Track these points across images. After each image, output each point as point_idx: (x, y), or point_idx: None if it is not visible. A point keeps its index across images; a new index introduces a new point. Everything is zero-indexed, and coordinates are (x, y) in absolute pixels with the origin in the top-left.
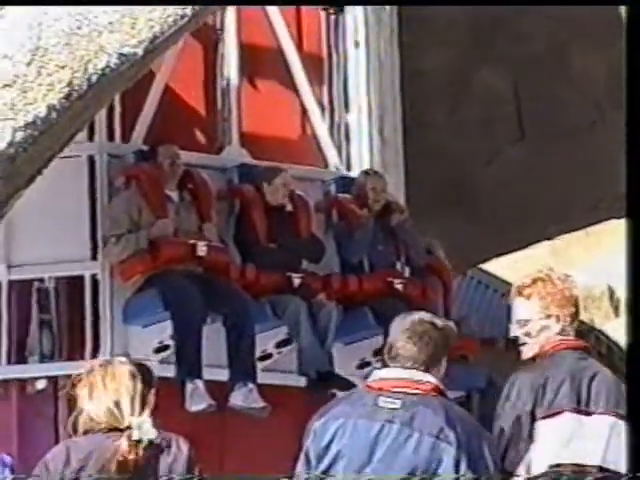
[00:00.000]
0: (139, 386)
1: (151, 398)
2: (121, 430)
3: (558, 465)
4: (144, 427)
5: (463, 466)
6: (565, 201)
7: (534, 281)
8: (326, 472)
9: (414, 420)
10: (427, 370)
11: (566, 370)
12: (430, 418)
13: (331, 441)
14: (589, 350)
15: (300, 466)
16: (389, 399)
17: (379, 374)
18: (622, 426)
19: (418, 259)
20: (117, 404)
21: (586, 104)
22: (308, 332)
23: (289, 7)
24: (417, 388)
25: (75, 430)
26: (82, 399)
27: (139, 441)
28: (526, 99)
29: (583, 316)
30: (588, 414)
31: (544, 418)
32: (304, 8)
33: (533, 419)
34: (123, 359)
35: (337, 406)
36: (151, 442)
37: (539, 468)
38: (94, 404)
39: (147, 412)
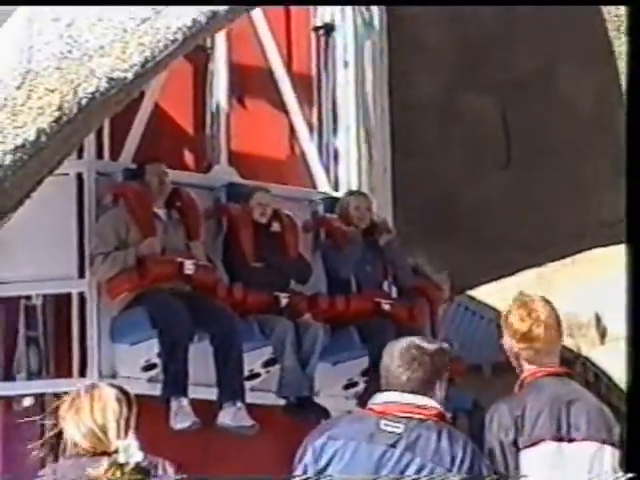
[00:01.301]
0: (124, 409)
1: (133, 421)
2: (108, 454)
3: None
4: (130, 450)
5: None
6: (552, 227)
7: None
8: None
9: (416, 445)
10: (427, 395)
11: (545, 398)
12: (433, 444)
13: (329, 463)
14: (571, 376)
15: None
16: (392, 423)
17: (381, 397)
18: (605, 452)
19: (405, 279)
20: (102, 428)
21: (572, 129)
22: (292, 355)
23: (279, 25)
24: (420, 413)
25: (58, 454)
26: (67, 424)
27: (125, 464)
28: (513, 123)
29: (569, 343)
30: (570, 441)
31: (525, 448)
32: (294, 27)
33: (517, 449)
34: (106, 383)
35: (337, 426)
36: (137, 464)
37: None
38: (79, 429)
39: (132, 435)
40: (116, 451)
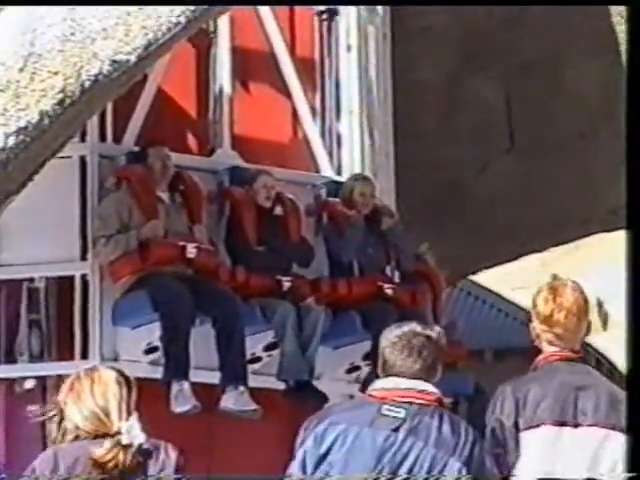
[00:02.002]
0: (124, 392)
1: (133, 404)
2: (110, 436)
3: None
4: (133, 431)
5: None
6: (555, 213)
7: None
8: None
9: (418, 430)
10: (428, 380)
11: (554, 382)
12: (434, 429)
13: (330, 448)
14: (586, 361)
15: (296, 469)
16: (393, 408)
17: (381, 383)
18: (614, 438)
19: (408, 264)
20: (104, 410)
21: (577, 116)
22: (292, 338)
23: (282, 9)
24: (421, 398)
25: (62, 437)
26: (68, 407)
27: (128, 445)
28: (517, 110)
29: None
30: (576, 426)
31: (525, 430)
32: (297, 12)
33: (517, 430)
34: (106, 366)
35: (338, 412)
36: (140, 446)
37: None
38: (81, 412)
39: (134, 417)
40: (118, 432)
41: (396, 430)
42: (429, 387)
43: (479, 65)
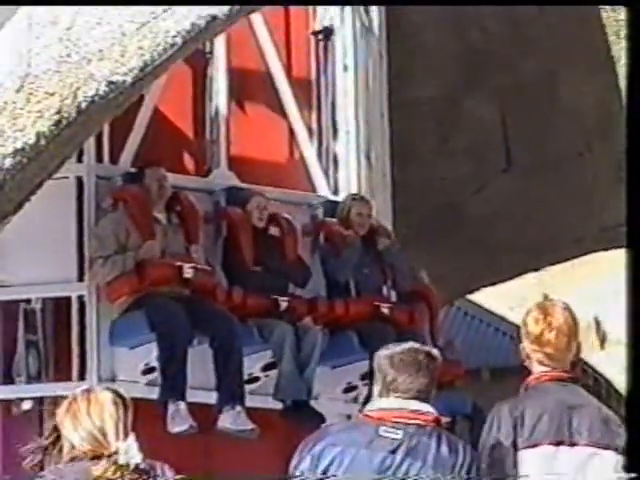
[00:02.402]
0: (121, 412)
1: (130, 424)
2: (107, 456)
3: None
4: (130, 451)
5: None
6: (552, 232)
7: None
8: None
9: (416, 451)
10: (425, 400)
11: (547, 402)
12: (433, 450)
13: (327, 469)
14: (576, 381)
15: None
16: (391, 429)
17: (378, 404)
18: (607, 458)
19: (405, 284)
20: (101, 430)
21: (573, 135)
22: (290, 358)
23: (278, 29)
24: (417, 418)
25: (59, 458)
26: (65, 428)
27: (126, 465)
28: (514, 129)
29: None
30: (572, 445)
31: (523, 449)
32: (293, 32)
33: (516, 450)
34: (102, 387)
35: (334, 433)
36: (137, 466)
37: None
38: (78, 432)
39: (131, 437)
40: (116, 452)
41: (394, 452)
42: (426, 407)
43: (475, 84)
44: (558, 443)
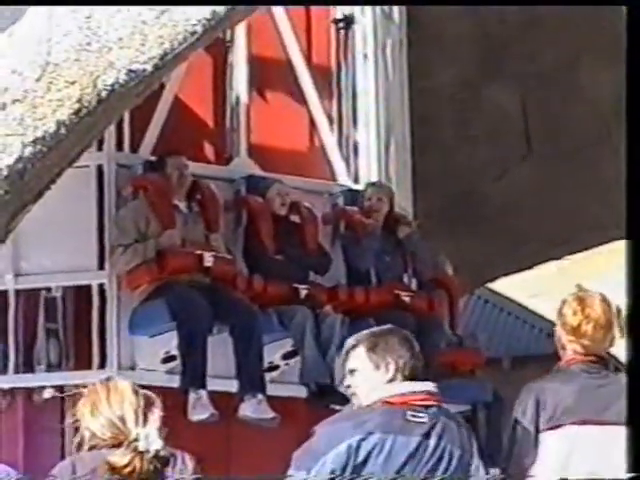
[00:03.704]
0: (141, 401)
1: (155, 415)
2: (127, 443)
3: None
4: (150, 438)
5: (483, 472)
6: (572, 220)
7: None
8: None
9: (445, 433)
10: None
11: (573, 383)
12: (455, 429)
13: (367, 459)
14: (606, 364)
15: None
16: (418, 413)
17: (397, 389)
18: None
19: (425, 272)
20: (121, 418)
21: (594, 121)
22: (312, 344)
23: (299, 17)
24: (436, 400)
25: (80, 447)
26: (85, 417)
27: (145, 452)
28: (534, 116)
29: None
30: (599, 424)
31: (546, 430)
32: (314, 20)
33: (537, 431)
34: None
35: (365, 420)
36: (157, 453)
37: None
38: (97, 420)
39: (152, 425)
40: (136, 439)
41: (427, 435)
42: (435, 387)
43: (495, 72)
44: (583, 422)
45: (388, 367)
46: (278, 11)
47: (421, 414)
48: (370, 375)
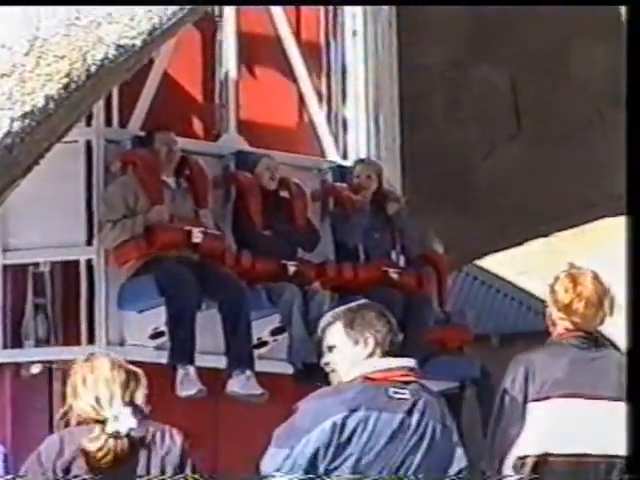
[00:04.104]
0: (119, 378)
1: (139, 392)
2: (100, 423)
3: (548, 454)
4: (121, 418)
5: (462, 450)
6: (562, 198)
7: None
8: (340, 468)
9: (426, 409)
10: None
11: (563, 356)
12: (436, 406)
13: (351, 437)
14: (596, 340)
15: (304, 460)
16: (400, 390)
17: (377, 365)
18: (623, 409)
19: (414, 249)
20: (97, 399)
21: (584, 102)
22: (299, 321)
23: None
24: (416, 376)
25: (67, 423)
26: (68, 396)
27: (115, 433)
28: (523, 96)
29: None
30: (590, 399)
31: (534, 401)
32: None
33: (525, 401)
34: (106, 354)
35: (350, 398)
36: (129, 433)
37: (527, 452)
38: (79, 400)
39: (119, 403)
40: (104, 422)
41: (409, 412)
42: (415, 364)
43: (486, 51)
44: (572, 395)
45: (367, 342)
46: None
47: (403, 390)
48: (349, 351)
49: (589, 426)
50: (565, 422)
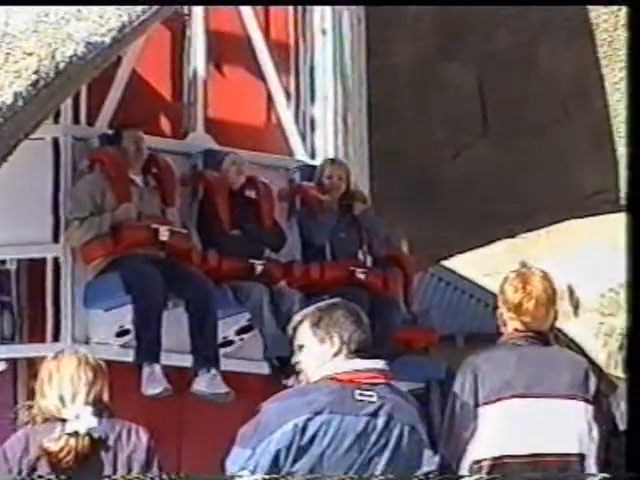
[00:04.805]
0: (85, 377)
1: (102, 389)
2: (61, 421)
3: (503, 456)
4: (82, 416)
5: (431, 452)
6: (527, 199)
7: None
8: (302, 470)
9: (394, 411)
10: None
11: (512, 357)
12: (404, 407)
13: (312, 440)
14: (546, 340)
15: (265, 463)
16: (366, 392)
17: (347, 365)
18: (577, 408)
19: (380, 249)
20: (61, 397)
21: (551, 102)
22: (270, 319)
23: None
24: (384, 377)
25: (33, 420)
26: (35, 394)
27: (76, 432)
28: (491, 95)
29: None
30: (540, 397)
31: (484, 404)
32: None
33: (476, 405)
34: (73, 351)
35: (313, 400)
36: (89, 433)
37: (482, 455)
38: (43, 397)
39: (81, 402)
40: (65, 420)
41: (375, 415)
42: (385, 365)
43: (453, 50)
44: (524, 396)
45: (333, 341)
46: None
47: (369, 392)
48: (316, 350)
49: (542, 425)
50: (517, 422)
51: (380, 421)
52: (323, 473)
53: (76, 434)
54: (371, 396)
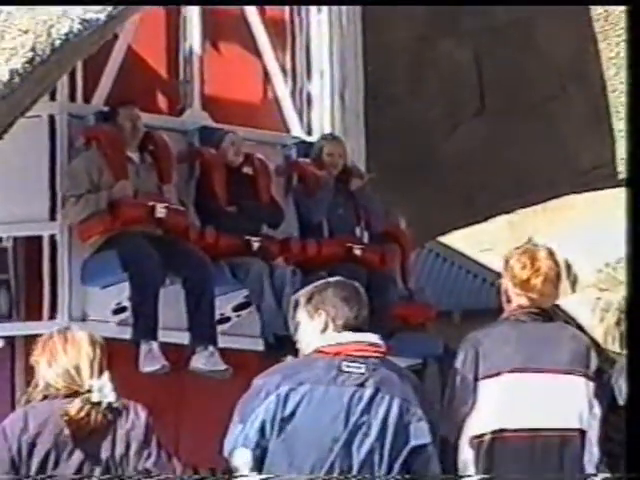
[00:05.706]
0: (97, 351)
1: (105, 365)
2: (81, 393)
3: (503, 430)
4: (104, 390)
5: (426, 426)
6: (525, 174)
7: None
8: (287, 441)
9: (383, 384)
10: (369, 331)
11: (512, 331)
12: (396, 381)
13: (295, 410)
14: (550, 316)
15: (252, 435)
16: (353, 364)
17: (333, 339)
18: (577, 384)
19: (377, 225)
20: (77, 368)
21: (548, 78)
22: (270, 295)
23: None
24: (375, 351)
25: (31, 396)
26: (40, 366)
27: (98, 403)
28: (488, 72)
29: None
30: (539, 372)
31: (484, 378)
32: None
33: (476, 379)
34: (77, 328)
35: (298, 371)
36: (110, 404)
37: (482, 430)
38: (53, 369)
39: (106, 376)
40: (89, 390)
41: (362, 385)
42: (377, 339)
43: (450, 27)
44: (523, 370)
45: (320, 316)
46: None
47: (357, 364)
48: (306, 326)
49: (542, 400)
50: (517, 396)
51: (367, 392)
52: (309, 443)
53: (98, 405)
54: (359, 367)
